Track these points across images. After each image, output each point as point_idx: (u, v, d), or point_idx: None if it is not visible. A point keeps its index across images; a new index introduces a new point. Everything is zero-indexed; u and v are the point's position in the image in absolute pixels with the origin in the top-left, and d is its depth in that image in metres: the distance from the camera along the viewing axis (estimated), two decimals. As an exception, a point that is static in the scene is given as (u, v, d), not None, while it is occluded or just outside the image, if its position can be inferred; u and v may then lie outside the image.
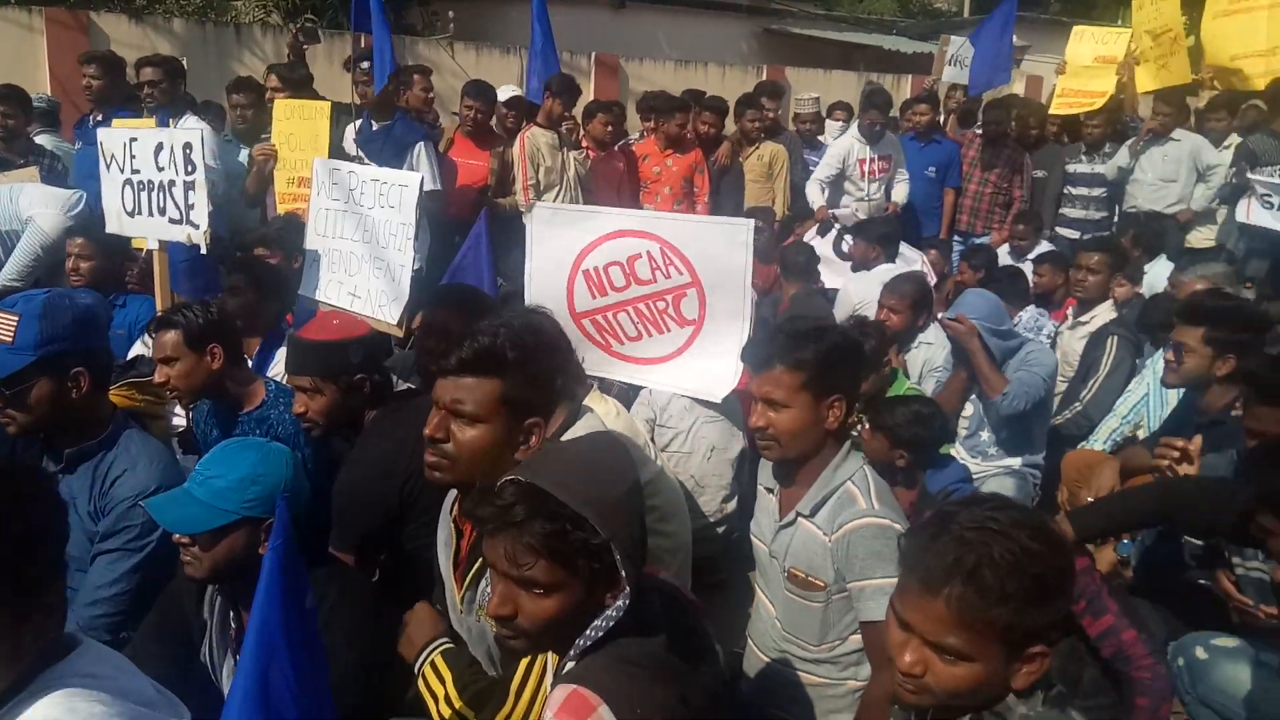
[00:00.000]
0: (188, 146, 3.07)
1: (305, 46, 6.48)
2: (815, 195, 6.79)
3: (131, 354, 3.46)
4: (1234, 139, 6.39)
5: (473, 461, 1.83)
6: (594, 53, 11.52)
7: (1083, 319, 4.77)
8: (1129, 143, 6.55)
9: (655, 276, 3.42)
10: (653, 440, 3.44)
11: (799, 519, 2.27)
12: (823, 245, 6.11)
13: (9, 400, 2.28)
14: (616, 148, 6.86)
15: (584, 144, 6.71)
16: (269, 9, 10.63)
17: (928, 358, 4.36)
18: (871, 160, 6.74)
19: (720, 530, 3.54)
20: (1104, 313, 4.68)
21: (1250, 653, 2.59)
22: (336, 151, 5.25)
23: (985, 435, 4.09)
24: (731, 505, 3.51)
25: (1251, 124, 6.28)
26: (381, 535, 2.56)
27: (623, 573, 1.40)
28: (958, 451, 4.05)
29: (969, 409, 4.16)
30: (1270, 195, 5.43)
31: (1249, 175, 5.65)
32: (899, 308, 4.35)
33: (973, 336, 3.92)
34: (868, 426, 3.39)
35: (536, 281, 3.61)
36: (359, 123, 5.36)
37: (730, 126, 7.40)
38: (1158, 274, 5.50)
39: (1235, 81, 6.62)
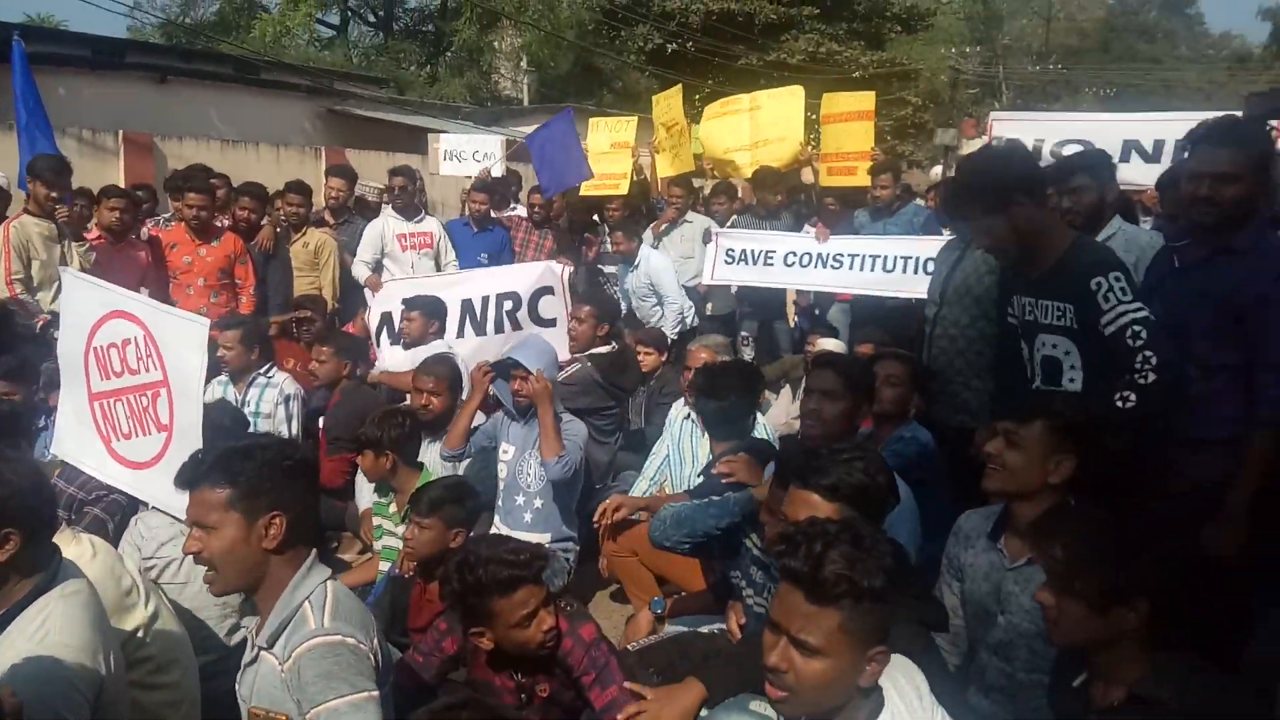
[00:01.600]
0: None
1: None
2: (363, 274, 6.65)
3: None
4: (735, 219, 7.36)
5: None
6: (121, 130, 10.43)
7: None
8: (653, 225, 7.26)
9: (139, 367, 3.17)
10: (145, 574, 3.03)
11: (260, 653, 2.11)
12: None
13: None
14: (144, 236, 6.21)
15: (95, 232, 5.99)
16: None
17: None
18: (409, 235, 6.79)
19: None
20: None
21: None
22: None
23: (520, 499, 4.11)
24: (240, 633, 3.18)
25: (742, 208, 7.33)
26: None
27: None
28: (496, 526, 4.07)
29: (502, 469, 4.19)
30: (733, 248, 6.37)
31: (714, 231, 6.55)
32: (438, 389, 4.36)
33: (548, 396, 3.96)
34: (414, 525, 3.29)
35: (64, 355, 3.46)
36: None
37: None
38: None
39: (729, 170, 7.67)
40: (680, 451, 4.34)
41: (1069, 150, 5.08)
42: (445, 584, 2.63)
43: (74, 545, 2.70)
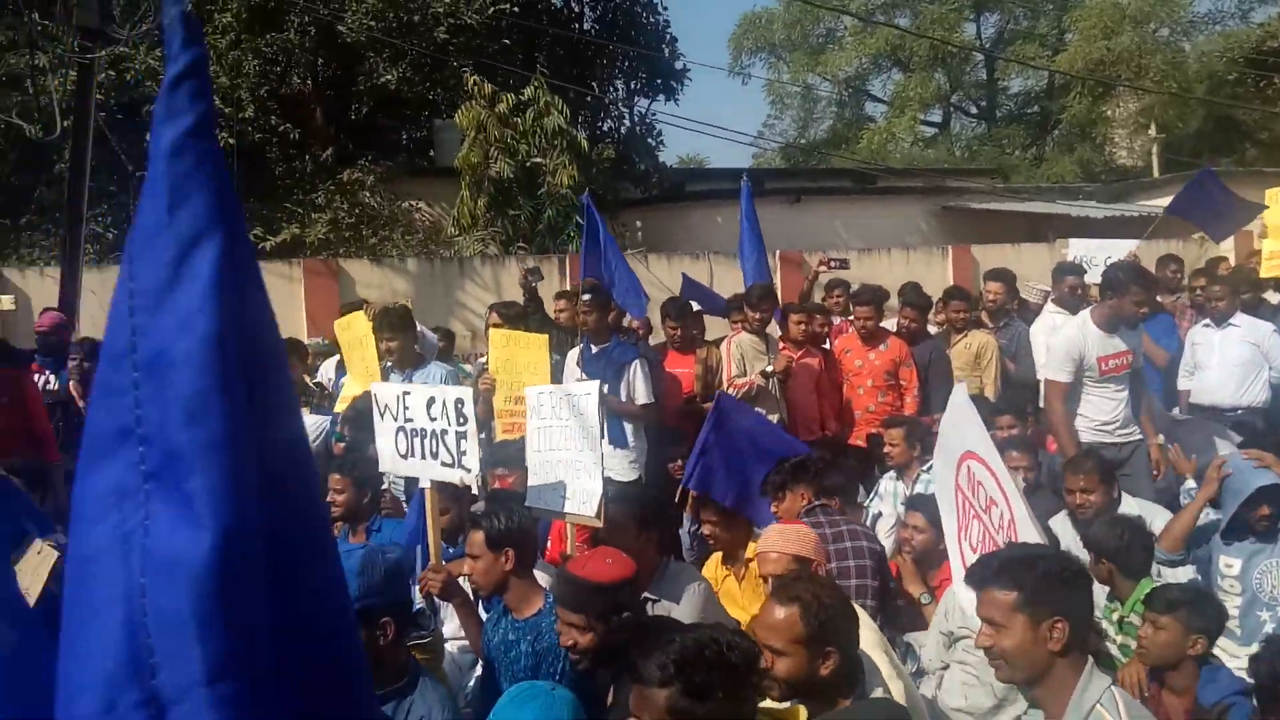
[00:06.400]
0: (459, 402, 3.50)
1: (534, 284, 7.18)
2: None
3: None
4: None
5: None
6: (779, 250, 11.99)
7: None
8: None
9: (989, 536, 3.21)
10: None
11: None
12: None
13: (327, 648, 2.56)
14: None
15: (781, 345, 6.95)
16: (486, 242, 11.84)
17: None
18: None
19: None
20: None
21: None
22: (559, 374, 5.69)
23: (1264, 615, 3.64)
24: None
25: None
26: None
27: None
28: (1224, 646, 3.64)
29: (1233, 577, 3.72)
30: None
31: None
32: None
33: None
34: (1150, 624, 3.17)
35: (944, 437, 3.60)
36: (580, 348, 5.83)
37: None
38: None
39: None
40: None
41: None
42: None
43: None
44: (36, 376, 5.82)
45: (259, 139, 12.30)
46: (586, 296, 5.64)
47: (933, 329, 7.24)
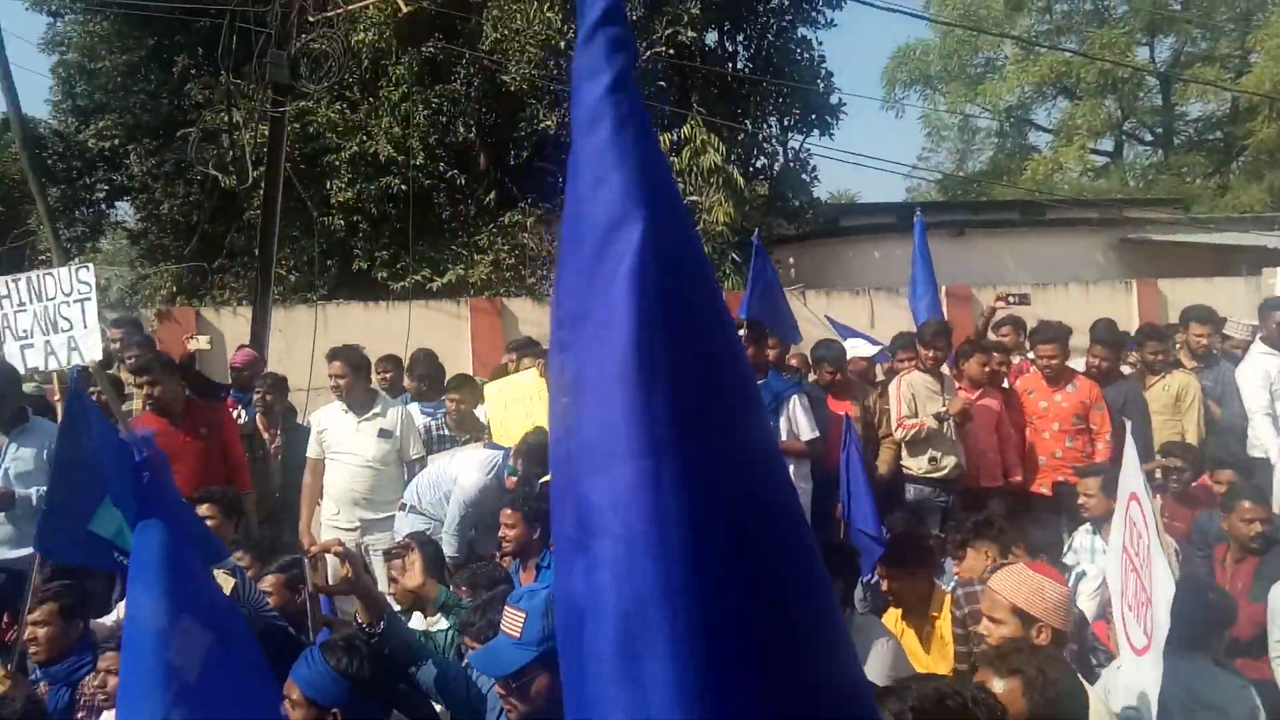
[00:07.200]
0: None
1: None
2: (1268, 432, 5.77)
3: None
4: None
5: None
6: (945, 286, 11.51)
7: None
8: None
9: (1141, 585, 2.96)
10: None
11: None
12: None
13: (512, 691, 2.50)
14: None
15: (958, 386, 6.59)
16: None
17: None
18: None
19: None
20: None
21: None
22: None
23: None
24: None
25: None
26: None
27: None
28: None
29: None
30: None
31: None
32: None
33: None
34: None
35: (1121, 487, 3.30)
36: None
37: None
38: None
39: None
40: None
41: None
42: None
43: None
44: (231, 410, 6.17)
45: (428, 185, 12.83)
46: (742, 331, 5.51)
47: (1125, 369, 6.71)
